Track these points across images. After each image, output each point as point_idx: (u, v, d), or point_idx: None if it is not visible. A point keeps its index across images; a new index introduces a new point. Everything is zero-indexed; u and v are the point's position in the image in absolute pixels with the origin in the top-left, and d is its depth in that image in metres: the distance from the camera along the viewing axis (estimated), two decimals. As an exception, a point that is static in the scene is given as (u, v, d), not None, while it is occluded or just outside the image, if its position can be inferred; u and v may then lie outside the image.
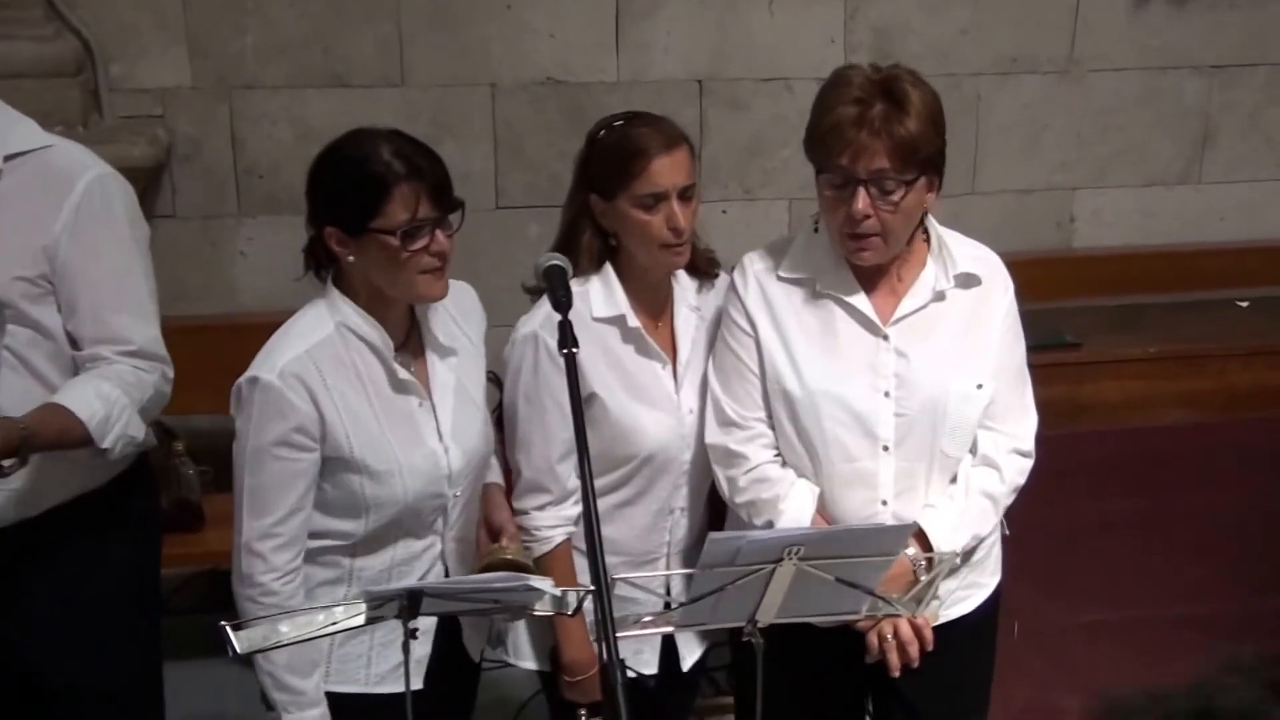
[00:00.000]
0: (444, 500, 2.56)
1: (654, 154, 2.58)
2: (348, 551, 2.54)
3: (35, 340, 2.55)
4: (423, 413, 2.54)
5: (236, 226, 4.26)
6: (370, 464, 2.47)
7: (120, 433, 2.52)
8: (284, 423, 2.42)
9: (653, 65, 4.33)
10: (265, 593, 2.46)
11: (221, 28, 4.09)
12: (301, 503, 2.47)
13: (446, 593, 2.26)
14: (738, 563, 2.22)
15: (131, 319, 2.59)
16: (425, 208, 2.39)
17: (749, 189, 4.47)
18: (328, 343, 2.46)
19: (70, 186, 2.54)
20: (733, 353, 2.68)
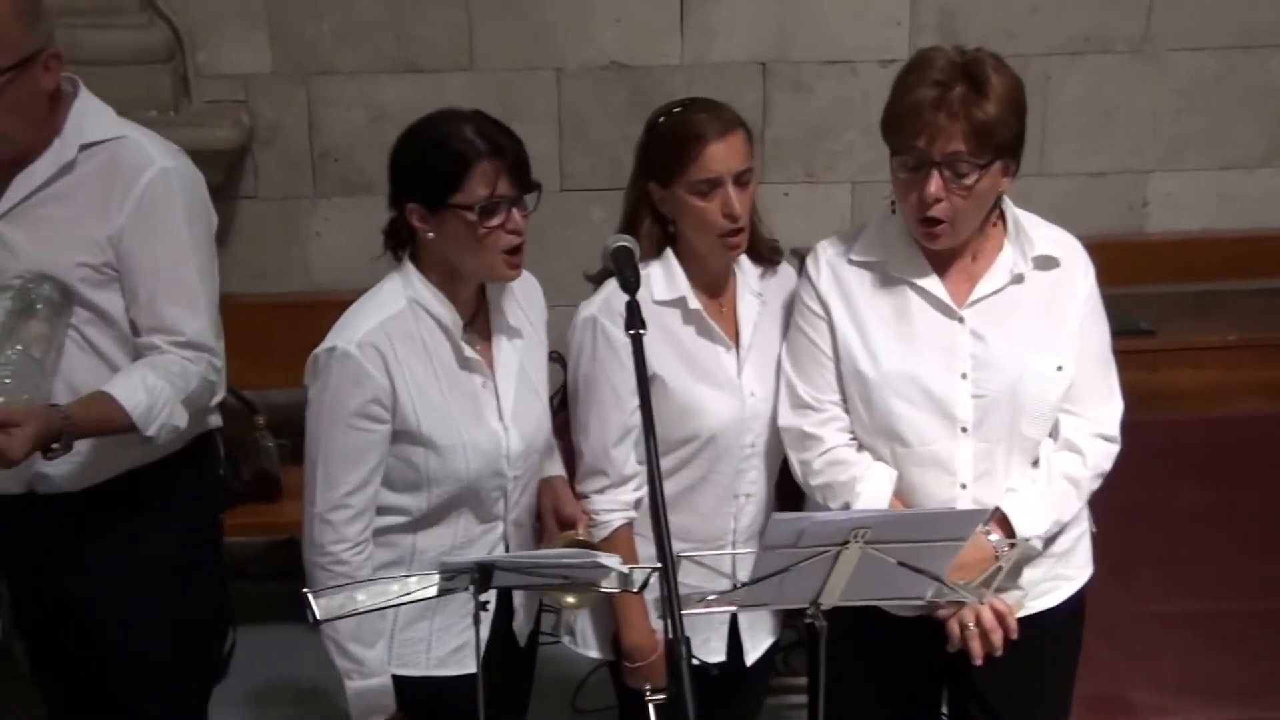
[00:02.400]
0: (504, 481, 2.60)
1: (709, 139, 2.59)
2: (409, 529, 2.58)
3: (99, 324, 2.65)
4: (485, 393, 2.58)
5: (312, 208, 4.37)
6: (435, 438, 2.51)
7: (164, 421, 2.58)
8: (361, 393, 2.47)
9: (716, 48, 4.36)
10: (336, 561, 2.51)
11: (300, 15, 4.20)
12: (373, 475, 2.51)
13: (517, 566, 2.29)
14: (802, 544, 2.21)
15: (183, 310, 2.66)
16: (504, 185, 2.45)
17: (811, 172, 4.49)
18: (400, 317, 2.51)
19: (135, 179, 2.62)
20: (806, 336, 2.68)
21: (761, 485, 2.79)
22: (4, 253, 2.61)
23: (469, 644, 2.30)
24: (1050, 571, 2.70)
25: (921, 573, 2.32)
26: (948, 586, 2.37)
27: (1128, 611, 3.71)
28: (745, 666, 2.86)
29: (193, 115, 4.12)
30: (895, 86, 2.56)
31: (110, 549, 2.78)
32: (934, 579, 2.34)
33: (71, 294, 2.59)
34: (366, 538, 2.54)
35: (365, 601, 2.25)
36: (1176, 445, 3.65)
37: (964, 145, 2.45)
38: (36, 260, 2.59)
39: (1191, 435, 3.70)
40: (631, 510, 2.72)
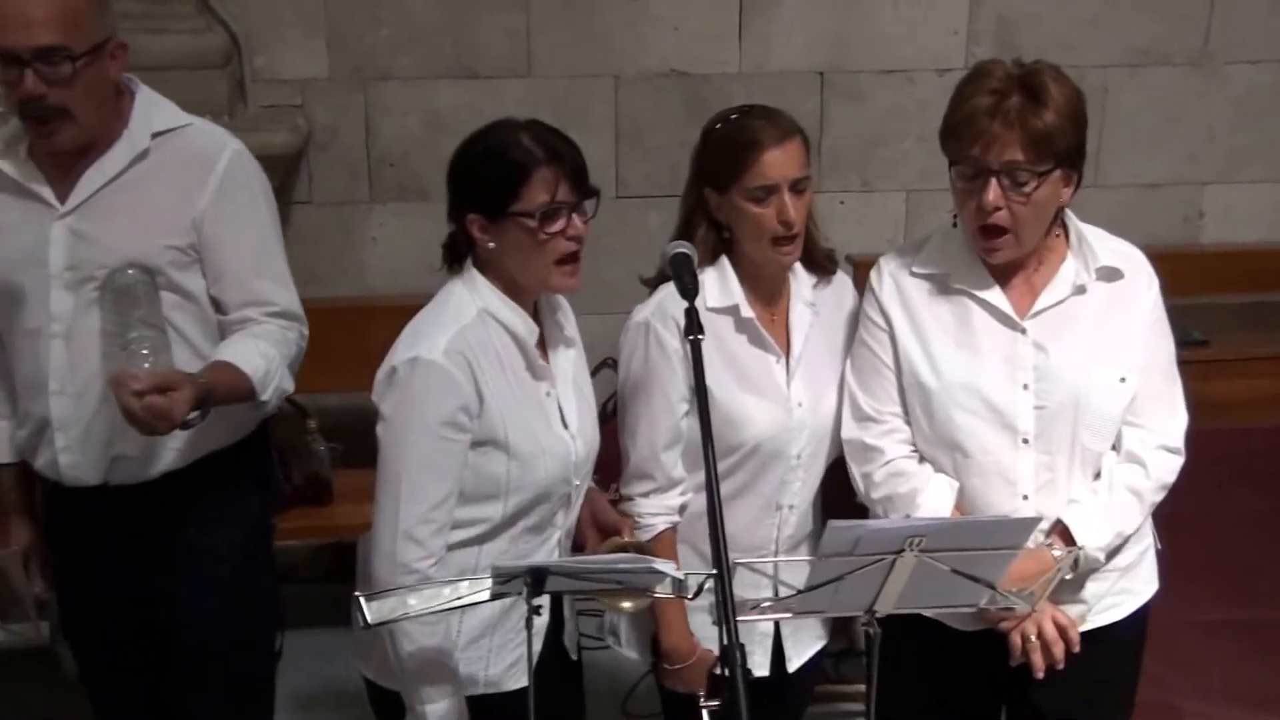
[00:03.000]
0: (569, 489, 2.60)
1: (765, 146, 2.58)
2: (475, 542, 2.55)
3: (182, 305, 2.68)
4: (550, 402, 2.58)
5: (368, 213, 4.39)
6: (519, 446, 2.50)
7: (276, 386, 2.66)
8: (450, 401, 2.44)
9: (774, 57, 4.36)
10: (422, 578, 2.45)
11: (358, 20, 4.22)
12: (455, 486, 2.49)
13: (570, 571, 2.28)
14: (857, 552, 2.21)
15: (272, 283, 2.73)
16: (564, 191, 2.45)
17: (867, 180, 4.48)
18: (473, 326, 2.50)
19: (214, 162, 2.68)
20: (868, 349, 2.68)
21: (806, 496, 2.79)
22: (82, 245, 2.64)
23: (524, 658, 2.30)
24: (1115, 586, 2.68)
25: (976, 580, 2.32)
26: (1001, 594, 2.37)
27: (1178, 620, 3.62)
28: (788, 673, 2.86)
29: (249, 120, 4.14)
30: (953, 97, 2.56)
31: (180, 538, 2.81)
32: (988, 586, 2.34)
33: (155, 275, 2.62)
34: (444, 551, 2.51)
35: (417, 606, 2.25)
36: (1229, 455, 3.66)
37: (1022, 154, 2.45)
38: (121, 248, 2.62)
39: (1244, 445, 3.73)
40: (676, 515, 2.73)
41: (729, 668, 2.09)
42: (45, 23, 2.49)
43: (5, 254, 2.69)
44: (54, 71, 2.51)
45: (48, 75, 2.51)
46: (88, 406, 2.66)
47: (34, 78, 2.51)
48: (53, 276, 2.64)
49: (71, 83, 2.53)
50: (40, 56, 2.50)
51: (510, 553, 2.57)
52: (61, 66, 2.51)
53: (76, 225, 2.64)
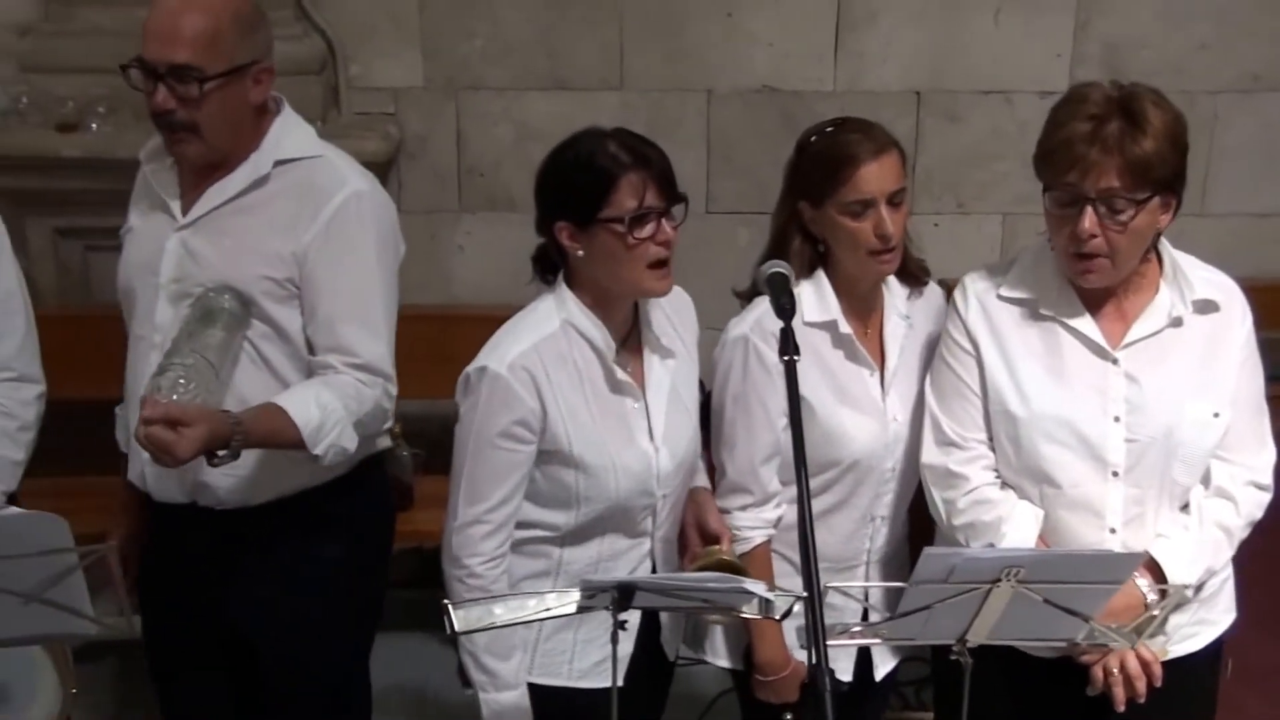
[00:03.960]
0: (653, 501, 2.60)
1: (863, 160, 2.57)
2: (556, 542, 2.59)
3: (272, 338, 2.65)
4: (636, 413, 2.59)
5: (456, 221, 4.41)
6: (586, 460, 2.52)
7: (333, 442, 2.56)
8: (508, 414, 2.48)
9: (870, 75, 4.33)
10: (471, 575, 2.54)
11: (453, 30, 4.24)
12: (513, 493, 2.54)
13: (659, 588, 2.29)
14: (952, 580, 2.19)
15: (362, 333, 2.65)
16: (652, 196, 2.46)
17: (962, 202, 4.43)
18: (553, 339, 2.52)
19: (327, 200, 2.64)
20: (953, 372, 2.65)
21: (898, 508, 2.79)
22: (189, 260, 2.66)
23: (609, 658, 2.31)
24: (1194, 616, 2.65)
25: (1074, 614, 2.28)
26: (1100, 629, 2.33)
27: (1274, 659, 3.68)
28: (873, 683, 2.85)
29: (342, 127, 4.17)
30: (1049, 121, 2.53)
31: (265, 570, 2.77)
32: (1087, 622, 2.30)
33: (250, 306, 2.62)
34: (503, 553, 2.57)
35: (503, 616, 2.28)
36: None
37: (1119, 181, 2.41)
38: (221, 269, 2.63)
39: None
40: (771, 529, 2.73)
41: (818, 690, 2.07)
42: (185, 42, 2.53)
43: (133, 258, 2.76)
44: (184, 89, 2.55)
45: (178, 92, 2.55)
46: None
47: (165, 92, 2.56)
48: (161, 286, 2.67)
49: (199, 103, 2.56)
50: (173, 73, 2.55)
51: (595, 551, 2.61)
52: (190, 86, 2.55)
53: (189, 239, 2.67)
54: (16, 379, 2.87)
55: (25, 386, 2.88)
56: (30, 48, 4.13)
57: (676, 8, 4.25)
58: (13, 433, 2.87)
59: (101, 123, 4.01)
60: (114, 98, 3.98)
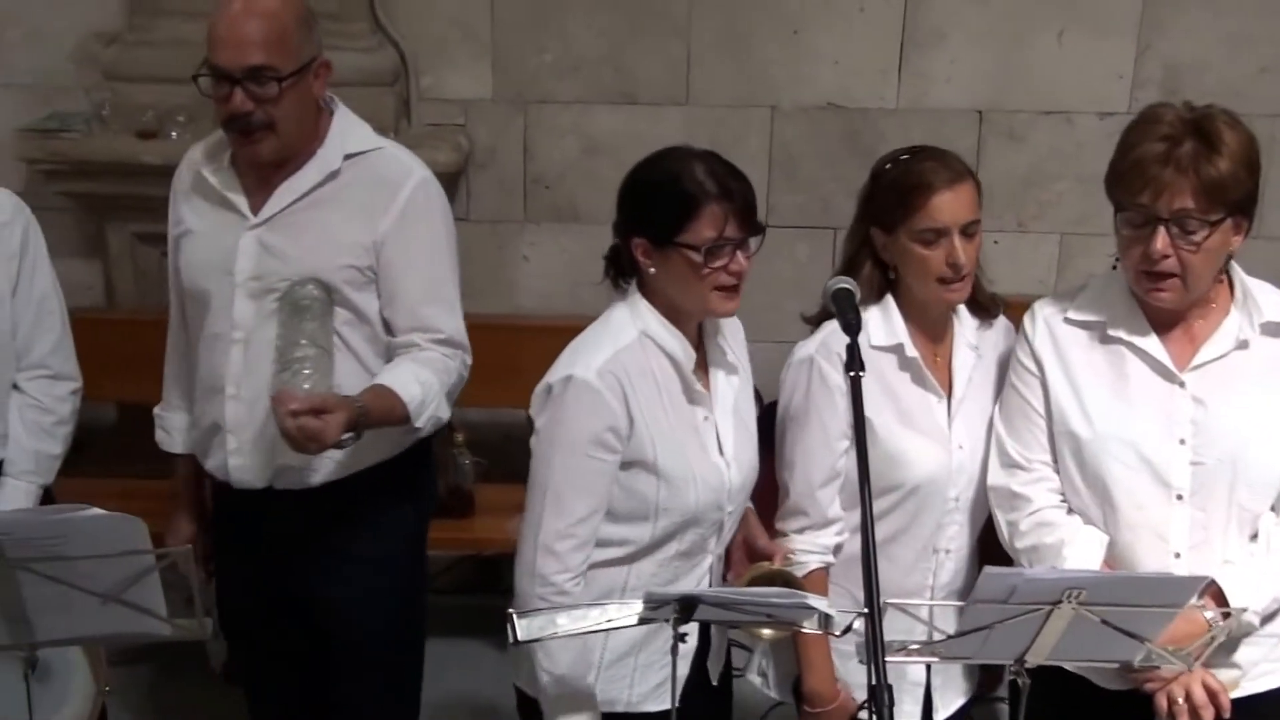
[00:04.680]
0: (722, 515, 2.61)
1: (937, 189, 2.57)
2: (624, 561, 2.58)
3: (354, 323, 2.79)
4: (706, 426, 2.59)
5: (521, 232, 4.46)
6: (669, 469, 2.52)
7: (431, 414, 2.74)
8: (599, 422, 2.47)
9: (933, 94, 4.34)
10: (558, 592, 2.50)
11: (524, 44, 4.30)
12: (600, 505, 2.52)
13: (721, 601, 2.29)
14: (1013, 600, 2.19)
15: (441, 310, 2.82)
16: (731, 228, 2.47)
17: (1022, 221, 4.43)
18: (632, 348, 2.53)
19: (399, 188, 2.78)
20: (1019, 394, 2.65)
21: (963, 542, 2.76)
22: (268, 256, 2.76)
23: (668, 680, 2.32)
24: (1271, 653, 2.61)
25: (1134, 637, 2.27)
26: (1159, 652, 2.31)
27: None
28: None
29: (413, 137, 4.22)
30: (1121, 142, 2.52)
31: (340, 545, 2.89)
32: (1146, 644, 2.29)
33: (332, 294, 2.73)
34: (585, 569, 2.54)
35: (565, 626, 2.28)
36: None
37: (1193, 202, 2.41)
38: (303, 263, 2.73)
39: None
40: (829, 555, 2.71)
41: (876, 709, 2.08)
42: (257, 44, 2.64)
43: (199, 259, 2.84)
44: (261, 90, 2.66)
45: (255, 93, 2.66)
46: (259, 413, 2.76)
47: (242, 95, 2.66)
48: (238, 285, 2.77)
49: (277, 100, 2.67)
50: (250, 76, 2.65)
51: (660, 575, 2.59)
52: (268, 86, 2.65)
53: (265, 237, 2.76)
54: (53, 376, 3.00)
55: (61, 383, 3.01)
56: (114, 56, 4.23)
57: (743, 25, 4.28)
58: (50, 427, 2.99)
59: (181, 131, 4.10)
60: (193, 106, 4.06)
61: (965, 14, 4.29)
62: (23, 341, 2.94)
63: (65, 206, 4.24)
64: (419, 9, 4.28)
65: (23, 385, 2.97)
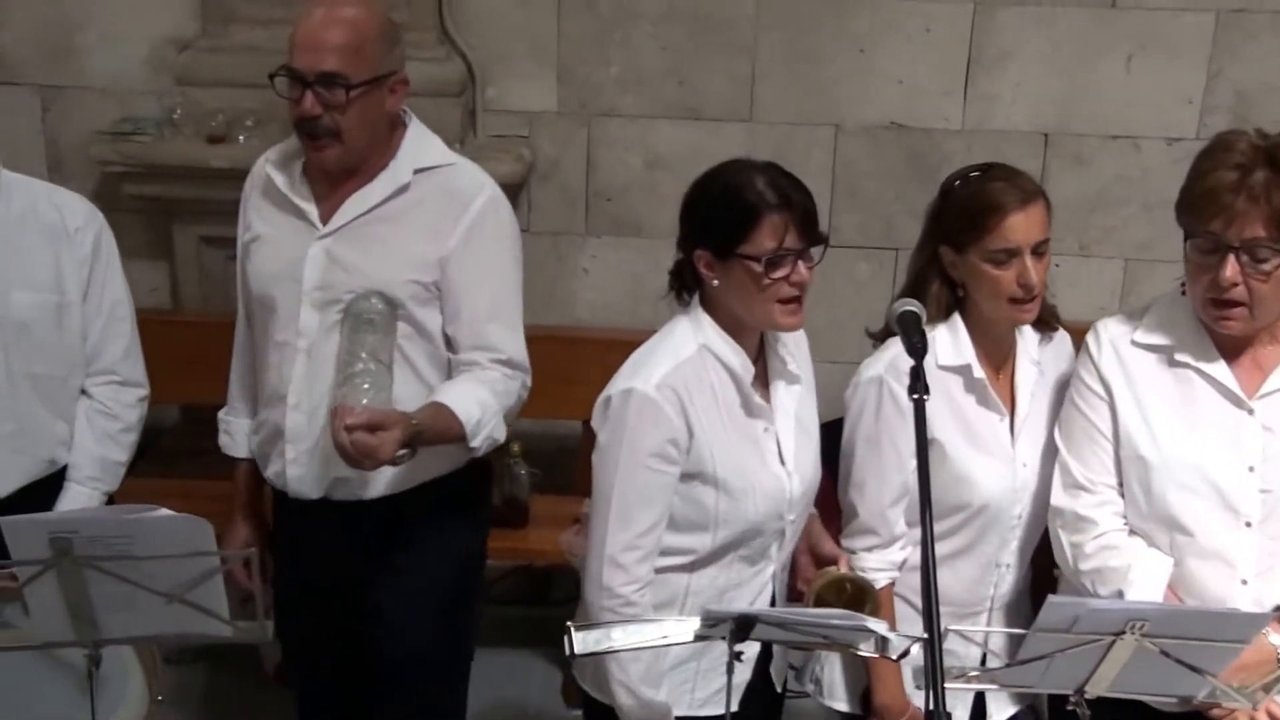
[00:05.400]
0: (783, 525, 2.62)
1: (1009, 209, 2.56)
2: (686, 569, 2.59)
3: (415, 337, 2.79)
4: (767, 438, 2.60)
5: (582, 244, 4.48)
6: (728, 480, 2.53)
7: (487, 434, 2.74)
8: (659, 434, 2.49)
9: (998, 115, 4.33)
10: (626, 604, 2.52)
11: (589, 58, 4.32)
12: (662, 517, 2.53)
13: (779, 621, 2.29)
14: (1075, 630, 2.17)
15: (504, 330, 2.81)
16: (792, 238, 2.47)
17: (1085, 245, 4.41)
18: (692, 361, 2.54)
19: (468, 204, 2.79)
20: (1083, 416, 2.63)
21: (1023, 555, 2.77)
22: (335, 267, 2.77)
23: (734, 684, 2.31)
24: None
25: (1198, 671, 2.25)
26: (1222, 689, 2.29)
27: None
28: None
29: (477, 148, 4.26)
30: (1193, 169, 2.51)
31: (394, 559, 2.90)
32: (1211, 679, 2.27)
33: (396, 308, 2.72)
34: (651, 578, 2.56)
35: (621, 640, 2.29)
36: None
37: (1264, 231, 2.40)
38: (369, 276, 2.74)
39: None
40: (896, 570, 2.73)
41: None
42: (332, 50, 2.66)
43: (268, 266, 2.86)
44: (330, 96, 2.68)
45: (325, 98, 2.68)
46: (318, 423, 2.78)
47: (312, 98, 2.68)
48: (304, 293, 2.78)
49: (345, 109, 2.68)
50: (321, 80, 2.67)
51: (721, 580, 2.61)
52: (337, 92, 2.67)
53: (332, 247, 2.77)
54: (121, 383, 3.02)
55: (129, 390, 3.03)
56: (187, 62, 4.29)
57: (809, 43, 4.29)
58: (116, 434, 3.02)
59: (249, 136, 4.16)
60: (262, 112, 4.13)
61: (1032, 36, 4.28)
62: (92, 347, 2.98)
63: (135, 209, 4.29)
64: (487, 20, 4.32)
65: (91, 391, 3.00)
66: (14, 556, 2.36)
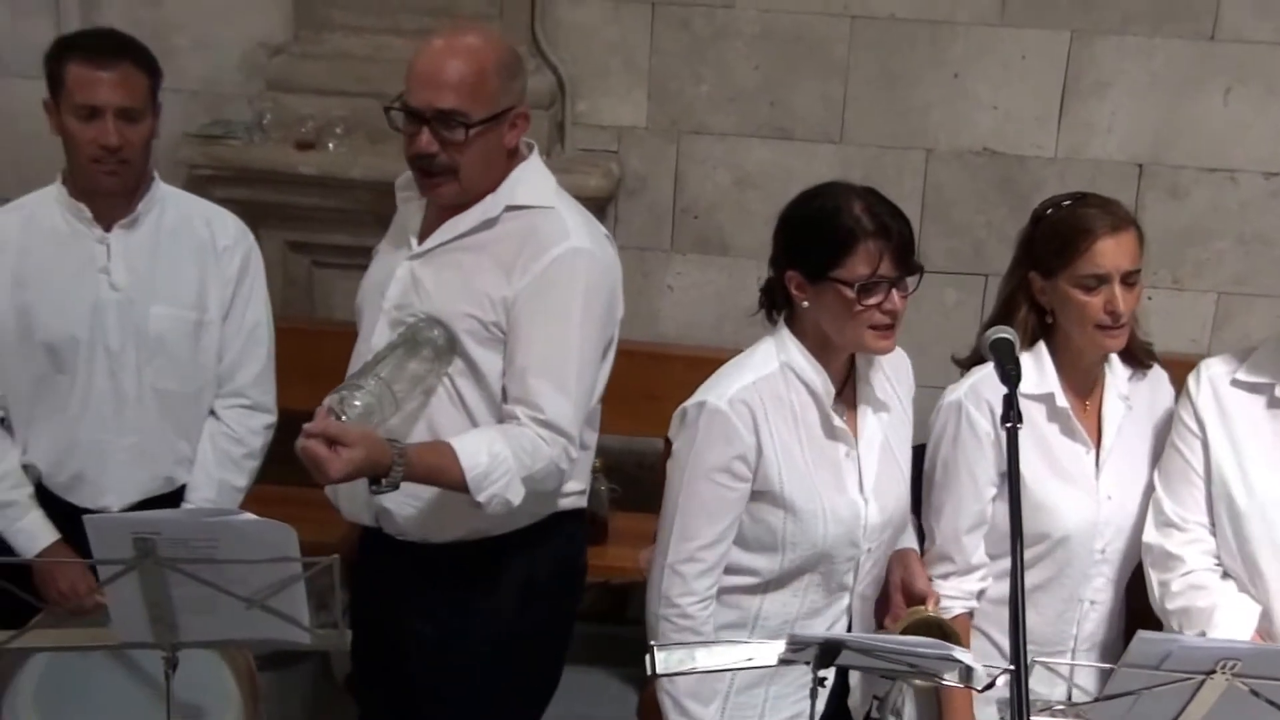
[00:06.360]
0: (857, 553, 2.59)
1: (1100, 235, 2.57)
2: (756, 590, 2.58)
3: (469, 376, 2.67)
4: (848, 462, 2.58)
5: (667, 261, 4.46)
6: (796, 502, 2.52)
7: (496, 492, 2.52)
8: (728, 449, 2.49)
9: (1093, 144, 4.27)
10: (682, 615, 2.53)
11: (681, 75, 4.31)
12: (726, 532, 2.53)
13: (865, 648, 2.27)
14: (1164, 667, 2.14)
15: (550, 389, 2.60)
16: (886, 266, 2.45)
17: (1178, 278, 4.34)
18: (771, 379, 2.53)
19: (544, 251, 2.63)
20: (1179, 453, 2.63)
21: (1109, 594, 2.73)
22: (413, 290, 2.72)
23: (801, 716, 2.31)
24: None
25: (1290, 714, 2.20)
26: None
27: None
28: None
29: (565, 162, 4.25)
30: None
31: (437, 609, 2.79)
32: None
33: (455, 343, 2.65)
34: (712, 595, 2.55)
35: (703, 662, 2.26)
36: None
37: None
38: (434, 302, 2.68)
39: None
40: (973, 600, 2.71)
41: None
42: (451, 88, 2.58)
43: (368, 280, 2.85)
44: (449, 134, 2.60)
45: (443, 136, 2.60)
46: None
47: (429, 136, 2.60)
48: (384, 310, 2.74)
49: (463, 147, 2.60)
50: (439, 118, 2.59)
51: (794, 606, 2.59)
52: (456, 131, 2.59)
53: (417, 269, 2.72)
54: (250, 407, 3.03)
55: (257, 415, 3.04)
56: (279, 67, 4.32)
57: (903, 66, 4.25)
58: (239, 459, 3.02)
59: (338, 143, 4.18)
60: (351, 120, 4.15)
61: (1129, 66, 4.22)
62: (226, 368, 3.00)
63: (222, 212, 4.33)
64: (580, 35, 4.31)
65: (219, 412, 3.01)
66: (97, 555, 2.37)
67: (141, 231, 2.95)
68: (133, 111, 2.84)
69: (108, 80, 2.81)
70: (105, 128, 2.81)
